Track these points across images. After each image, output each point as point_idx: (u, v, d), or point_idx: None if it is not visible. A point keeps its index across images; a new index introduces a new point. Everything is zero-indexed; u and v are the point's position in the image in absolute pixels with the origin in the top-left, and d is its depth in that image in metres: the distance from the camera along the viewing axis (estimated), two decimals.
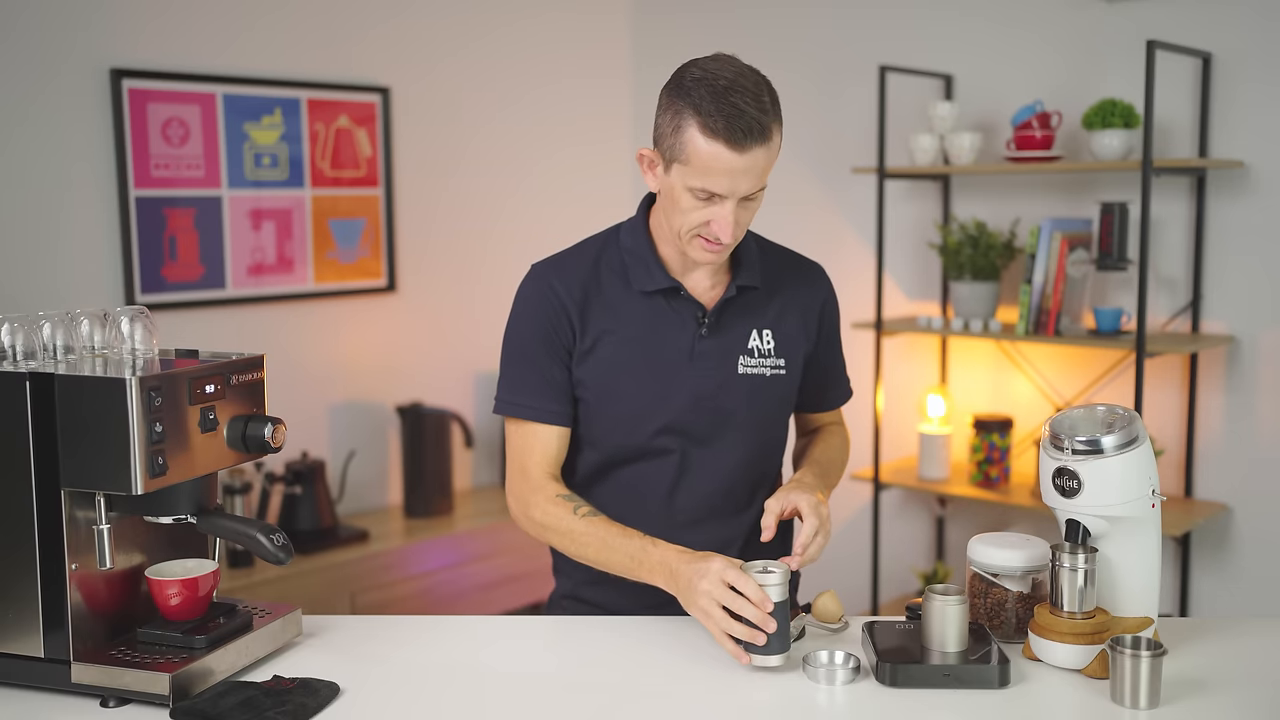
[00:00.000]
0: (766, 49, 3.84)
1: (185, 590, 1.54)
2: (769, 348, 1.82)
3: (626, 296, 1.78)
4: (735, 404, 1.80)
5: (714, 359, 1.79)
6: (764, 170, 1.64)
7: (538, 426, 1.79)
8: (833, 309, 1.92)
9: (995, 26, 3.35)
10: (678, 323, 1.78)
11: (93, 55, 3.02)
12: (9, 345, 1.51)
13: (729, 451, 1.81)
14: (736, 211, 1.65)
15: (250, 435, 1.58)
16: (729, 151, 1.58)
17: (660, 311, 1.78)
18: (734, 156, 1.59)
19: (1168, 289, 3.09)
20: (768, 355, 1.82)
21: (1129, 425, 1.54)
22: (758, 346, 1.81)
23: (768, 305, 1.83)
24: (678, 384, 1.78)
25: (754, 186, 1.64)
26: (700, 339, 1.79)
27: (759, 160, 1.61)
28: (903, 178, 3.39)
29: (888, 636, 1.59)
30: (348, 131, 3.53)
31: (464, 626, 1.76)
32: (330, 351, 3.56)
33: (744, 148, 1.59)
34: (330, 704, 1.46)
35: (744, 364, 1.80)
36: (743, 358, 1.80)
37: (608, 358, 1.77)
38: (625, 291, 1.78)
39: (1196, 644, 1.64)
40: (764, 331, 1.82)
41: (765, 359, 1.81)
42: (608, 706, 1.48)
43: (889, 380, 3.57)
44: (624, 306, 1.78)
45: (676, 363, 1.78)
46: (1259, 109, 2.92)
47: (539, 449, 1.79)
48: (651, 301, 1.78)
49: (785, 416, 1.90)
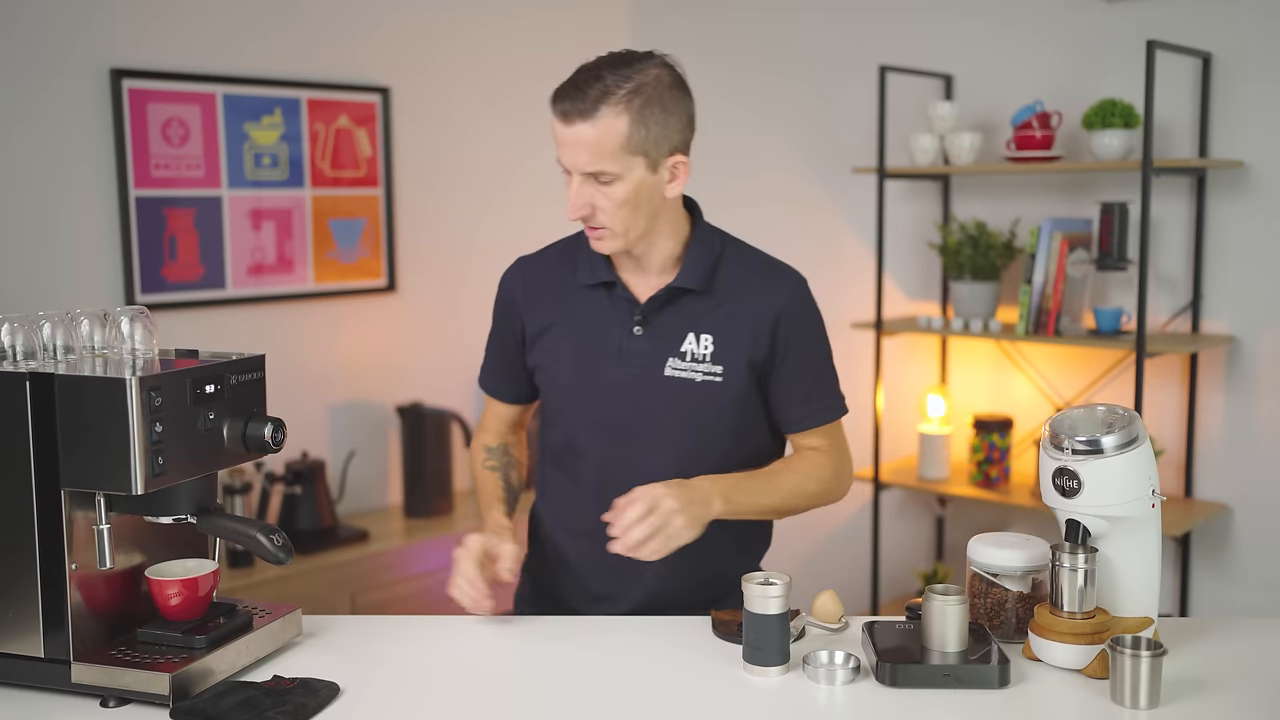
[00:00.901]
0: (766, 49, 3.84)
1: (185, 590, 1.54)
2: (705, 353, 1.77)
3: (575, 290, 1.84)
4: (656, 406, 1.79)
5: (643, 358, 1.79)
6: (598, 150, 1.65)
7: (488, 398, 1.99)
8: (794, 320, 1.81)
9: (995, 27, 3.35)
10: (614, 319, 1.81)
11: (93, 55, 3.02)
12: (9, 345, 1.51)
13: (653, 454, 1.79)
14: (588, 191, 1.69)
15: (250, 435, 1.58)
16: (557, 121, 1.68)
17: (601, 306, 1.82)
18: (560, 127, 1.67)
19: (1168, 289, 3.09)
20: (702, 360, 1.77)
21: (1129, 425, 1.54)
22: (692, 350, 1.78)
23: (715, 310, 1.79)
24: (601, 379, 1.81)
25: (591, 165, 1.67)
26: (632, 337, 1.80)
27: (584, 136, 1.65)
28: (903, 178, 3.39)
29: (888, 636, 1.59)
30: (348, 131, 3.53)
31: (464, 626, 1.76)
32: (330, 351, 3.55)
33: (567, 119, 1.66)
34: (330, 704, 1.46)
35: (672, 366, 1.78)
36: (672, 360, 1.78)
37: (550, 347, 1.85)
38: (574, 285, 1.85)
39: (1196, 644, 1.64)
40: (703, 336, 1.78)
41: (699, 364, 1.77)
42: (607, 705, 1.48)
43: (889, 380, 3.57)
44: (572, 299, 1.84)
45: (604, 358, 1.81)
46: (1259, 109, 2.92)
47: (491, 416, 2.00)
48: (594, 295, 1.83)
49: (730, 427, 1.80)
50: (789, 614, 1.55)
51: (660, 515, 1.61)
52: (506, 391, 1.96)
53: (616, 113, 1.65)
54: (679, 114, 1.73)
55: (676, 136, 1.73)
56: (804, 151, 3.78)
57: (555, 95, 1.68)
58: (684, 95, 1.75)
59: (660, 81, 1.69)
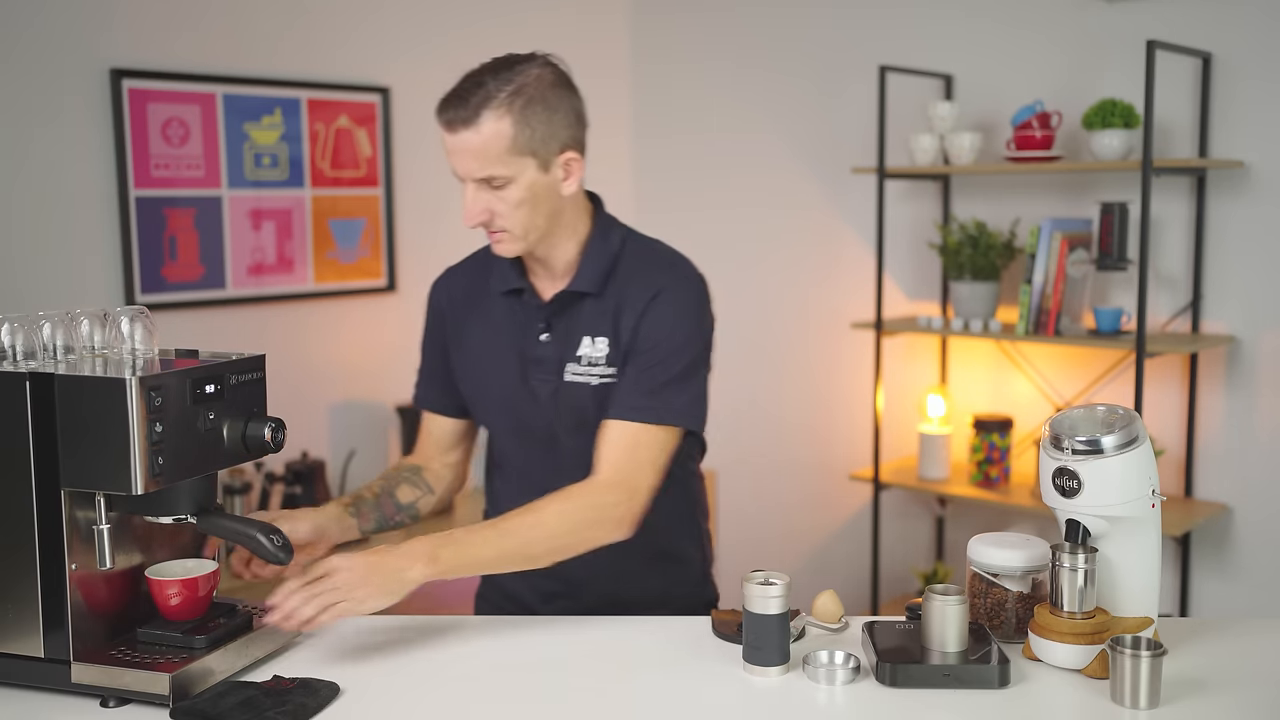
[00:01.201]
0: (766, 49, 3.84)
1: (185, 590, 1.54)
2: (601, 355, 1.77)
3: (493, 298, 1.85)
4: (562, 412, 1.79)
5: (550, 364, 1.80)
6: (485, 155, 1.65)
7: (427, 415, 1.97)
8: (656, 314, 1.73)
9: (995, 26, 3.35)
10: (525, 325, 1.82)
11: (93, 55, 3.02)
12: (9, 345, 1.51)
13: (566, 459, 1.78)
14: (483, 197, 1.69)
15: (250, 435, 1.58)
16: (443, 131, 1.68)
17: (514, 313, 1.83)
18: (447, 136, 1.68)
19: (1168, 289, 3.09)
20: (597, 363, 1.77)
21: (1129, 425, 1.54)
22: (588, 354, 1.77)
23: (607, 311, 1.77)
24: (515, 387, 1.82)
25: (481, 170, 1.66)
26: (539, 344, 1.80)
27: (470, 142, 1.65)
28: (903, 178, 3.39)
29: (888, 636, 1.59)
30: (348, 131, 3.53)
31: (464, 626, 1.76)
32: (330, 351, 3.55)
33: (452, 128, 1.66)
34: (330, 704, 1.46)
35: (571, 371, 1.78)
36: (571, 365, 1.78)
37: (470, 357, 1.86)
38: (492, 292, 1.85)
39: (1196, 644, 1.64)
40: (598, 339, 1.77)
41: (594, 367, 1.77)
42: (606, 705, 1.48)
43: (889, 380, 3.57)
44: (489, 307, 1.85)
45: (517, 366, 1.81)
46: (1259, 109, 2.92)
47: (424, 435, 1.98)
48: (508, 302, 1.84)
49: None
50: (789, 614, 1.55)
51: (329, 589, 1.53)
52: (443, 404, 1.93)
53: (499, 116, 1.64)
54: (564, 111, 1.70)
55: (564, 133, 1.70)
56: (804, 151, 3.78)
57: (440, 105, 1.68)
58: (568, 92, 1.72)
59: (542, 81, 1.68)
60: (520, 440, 1.86)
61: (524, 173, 1.67)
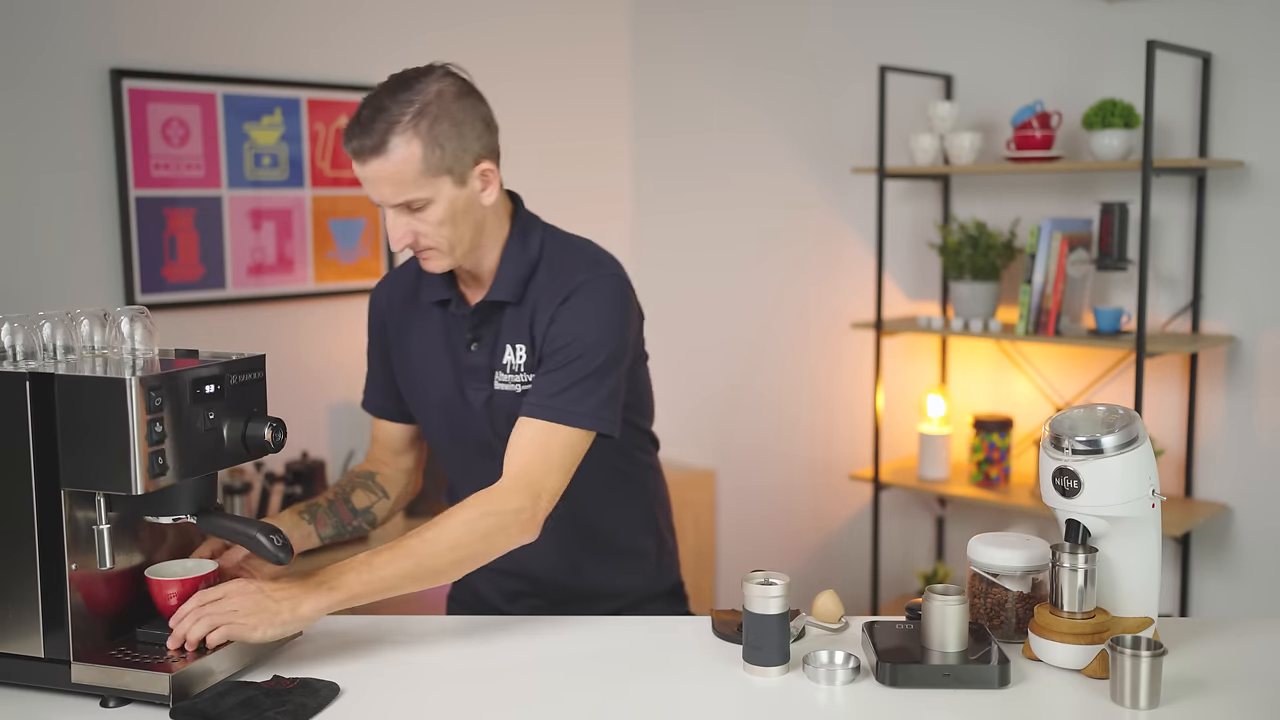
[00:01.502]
0: (766, 49, 3.84)
1: (184, 590, 1.54)
2: (520, 362, 1.76)
3: (425, 307, 1.85)
4: (495, 420, 1.79)
5: (481, 374, 1.80)
6: (399, 181, 1.62)
7: (377, 422, 1.97)
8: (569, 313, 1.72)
9: (995, 26, 3.35)
10: (456, 335, 1.82)
11: (93, 55, 3.02)
12: (9, 345, 1.51)
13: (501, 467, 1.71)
14: (404, 221, 1.66)
15: (250, 435, 1.58)
16: (353, 161, 1.64)
17: (445, 323, 1.83)
18: (358, 167, 1.64)
19: (1168, 289, 3.09)
20: (518, 370, 1.77)
21: (1129, 425, 1.54)
22: (511, 362, 1.77)
23: (525, 317, 1.76)
24: (453, 395, 1.82)
25: (397, 196, 1.63)
26: (469, 353, 1.81)
27: (382, 171, 1.62)
28: (903, 178, 3.39)
29: (888, 636, 1.59)
30: None
31: (464, 627, 1.76)
32: (330, 351, 3.55)
33: (360, 158, 1.63)
34: (330, 704, 1.46)
35: (499, 380, 1.78)
36: (499, 373, 1.78)
37: (409, 364, 1.86)
38: (424, 303, 1.85)
39: (1196, 644, 1.64)
40: (518, 346, 1.77)
41: (516, 374, 1.77)
42: (607, 704, 1.48)
43: (889, 380, 3.57)
44: (422, 316, 1.85)
45: (452, 374, 1.82)
46: (1259, 109, 2.92)
47: (374, 442, 1.99)
48: (439, 312, 1.84)
49: None
50: (789, 614, 1.55)
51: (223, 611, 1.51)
52: (389, 409, 1.94)
53: (406, 140, 1.61)
54: (471, 122, 1.67)
55: (476, 145, 1.68)
56: (804, 151, 3.78)
57: (345, 135, 1.64)
58: (474, 101, 1.69)
59: (444, 96, 1.64)
60: (459, 448, 1.86)
61: (441, 191, 1.65)
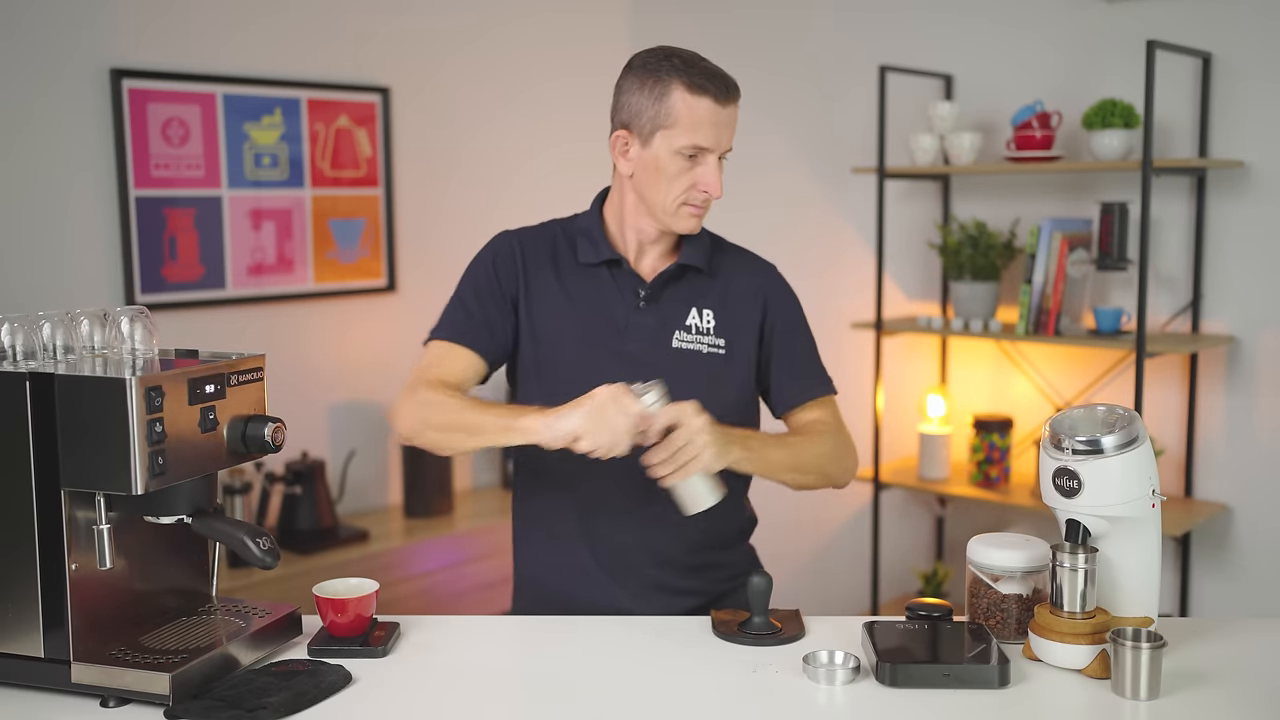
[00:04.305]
0: (766, 49, 3.84)
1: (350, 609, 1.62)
2: (709, 326, 1.87)
3: (573, 268, 1.89)
4: (665, 374, 1.76)
5: (648, 331, 1.85)
6: (734, 129, 1.80)
7: (452, 346, 1.84)
8: (781, 299, 1.94)
9: (995, 26, 3.35)
10: (616, 294, 1.87)
11: (93, 55, 3.02)
12: (9, 345, 1.51)
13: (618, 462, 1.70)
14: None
15: (250, 435, 1.58)
16: (715, 105, 1.74)
17: (602, 283, 1.87)
18: (718, 109, 1.75)
19: (1168, 289, 3.09)
20: (706, 333, 1.86)
21: (1129, 425, 1.54)
22: (696, 324, 1.87)
23: (712, 287, 1.89)
24: (610, 352, 1.84)
25: (731, 143, 1.80)
26: (636, 311, 1.86)
27: (735, 115, 1.79)
28: (903, 178, 3.39)
29: (888, 636, 1.59)
30: (348, 131, 3.53)
31: (465, 626, 1.76)
32: (330, 351, 3.56)
33: (726, 100, 1.76)
34: (337, 692, 1.49)
35: (679, 338, 1.86)
36: (679, 332, 1.86)
37: (552, 323, 1.86)
38: (572, 264, 1.89)
39: (1196, 644, 1.64)
40: (705, 311, 1.87)
41: (704, 336, 1.86)
42: (607, 705, 1.48)
43: (889, 380, 3.57)
44: (569, 277, 1.88)
45: (609, 332, 1.85)
46: (1259, 109, 2.92)
47: (445, 361, 1.83)
48: (595, 273, 1.88)
49: (729, 400, 1.83)
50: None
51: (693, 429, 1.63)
52: (479, 342, 1.85)
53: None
54: None
55: None
56: (804, 151, 3.78)
57: (702, 80, 1.74)
58: None
59: None
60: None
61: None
